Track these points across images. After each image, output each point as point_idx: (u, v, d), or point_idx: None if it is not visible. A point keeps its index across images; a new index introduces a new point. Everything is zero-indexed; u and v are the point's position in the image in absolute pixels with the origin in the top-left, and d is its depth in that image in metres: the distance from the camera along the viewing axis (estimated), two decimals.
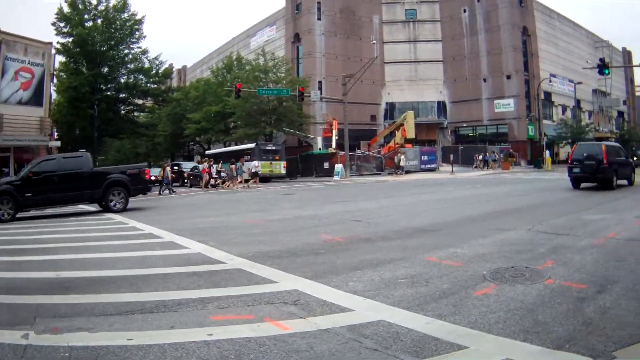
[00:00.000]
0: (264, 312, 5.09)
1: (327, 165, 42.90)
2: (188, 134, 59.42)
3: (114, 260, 8.24)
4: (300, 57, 61.07)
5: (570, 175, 20.58)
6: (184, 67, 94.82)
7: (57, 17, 44.20)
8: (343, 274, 6.60)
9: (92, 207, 19.89)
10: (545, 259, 7.02)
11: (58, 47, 42.90)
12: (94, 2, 45.84)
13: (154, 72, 49.83)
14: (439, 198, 18.68)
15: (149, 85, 50.43)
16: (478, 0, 60.05)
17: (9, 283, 6.89)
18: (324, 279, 6.35)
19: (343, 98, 41.91)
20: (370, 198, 20.45)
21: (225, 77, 56.93)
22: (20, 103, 34.11)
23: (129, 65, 48.77)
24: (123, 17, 46.66)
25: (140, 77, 50.03)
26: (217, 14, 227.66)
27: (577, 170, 20.10)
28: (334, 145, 45.81)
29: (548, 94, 62.09)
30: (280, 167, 40.96)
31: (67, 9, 44.56)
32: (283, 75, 51.03)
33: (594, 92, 71.53)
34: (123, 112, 51.52)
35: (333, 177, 38.87)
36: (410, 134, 47.62)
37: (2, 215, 16.35)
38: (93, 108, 44.06)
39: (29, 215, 18.15)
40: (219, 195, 26.64)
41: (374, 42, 53.60)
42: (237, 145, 50.46)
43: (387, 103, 62.70)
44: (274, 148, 42.09)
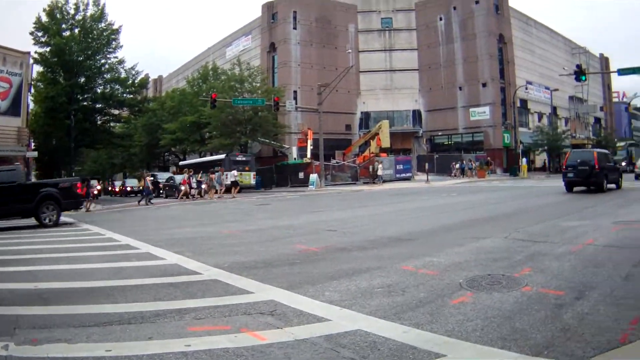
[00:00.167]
0: (241, 322, 5.06)
1: (302, 175, 43.07)
2: (164, 145, 59.13)
3: (91, 272, 8.25)
4: (276, 66, 61.15)
5: (565, 180, 22.00)
6: (160, 77, 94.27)
7: (35, 26, 43.48)
8: (319, 284, 6.56)
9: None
10: (523, 267, 7.02)
11: (36, 56, 42.24)
12: (72, 11, 45.24)
13: (130, 82, 49.34)
14: (415, 207, 18.72)
15: (125, 95, 49.92)
16: (454, 8, 60.61)
17: None
18: (300, 289, 6.31)
19: (318, 107, 41.95)
20: (345, 208, 20.47)
21: (201, 87, 56.67)
22: None
23: (106, 75, 48.24)
24: (100, 26, 46.13)
25: (117, 87, 49.48)
26: (193, 24, 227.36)
27: (571, 175, 21.61)
28: (309, 155, 45.94)
29: (524, 102, 62.84)
30: (250, 177, 42.52)
31: (45, 19, 43.94)
32: (258, 85, 51.06)
33: (571, 98, 72.37)
34: (99, 122, 50.88)
35: (308, 187, 38.95)
36: (386, 143, 47.90)
37: None
38: (70, 118, 43.42)
39: (6, 226, 17.90)
40: (195, 206, 26.64)
41: (350, 51, 53.78)
42: (211, 156, 50.34)
43: (362, 112, 63.00)
44: (244, 159, 43.62)
